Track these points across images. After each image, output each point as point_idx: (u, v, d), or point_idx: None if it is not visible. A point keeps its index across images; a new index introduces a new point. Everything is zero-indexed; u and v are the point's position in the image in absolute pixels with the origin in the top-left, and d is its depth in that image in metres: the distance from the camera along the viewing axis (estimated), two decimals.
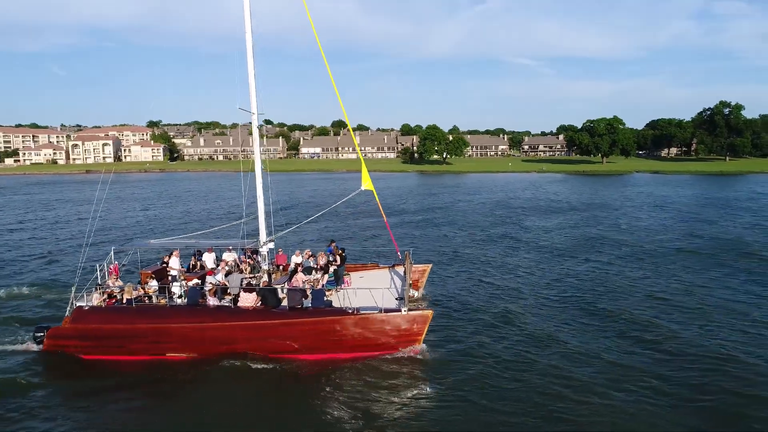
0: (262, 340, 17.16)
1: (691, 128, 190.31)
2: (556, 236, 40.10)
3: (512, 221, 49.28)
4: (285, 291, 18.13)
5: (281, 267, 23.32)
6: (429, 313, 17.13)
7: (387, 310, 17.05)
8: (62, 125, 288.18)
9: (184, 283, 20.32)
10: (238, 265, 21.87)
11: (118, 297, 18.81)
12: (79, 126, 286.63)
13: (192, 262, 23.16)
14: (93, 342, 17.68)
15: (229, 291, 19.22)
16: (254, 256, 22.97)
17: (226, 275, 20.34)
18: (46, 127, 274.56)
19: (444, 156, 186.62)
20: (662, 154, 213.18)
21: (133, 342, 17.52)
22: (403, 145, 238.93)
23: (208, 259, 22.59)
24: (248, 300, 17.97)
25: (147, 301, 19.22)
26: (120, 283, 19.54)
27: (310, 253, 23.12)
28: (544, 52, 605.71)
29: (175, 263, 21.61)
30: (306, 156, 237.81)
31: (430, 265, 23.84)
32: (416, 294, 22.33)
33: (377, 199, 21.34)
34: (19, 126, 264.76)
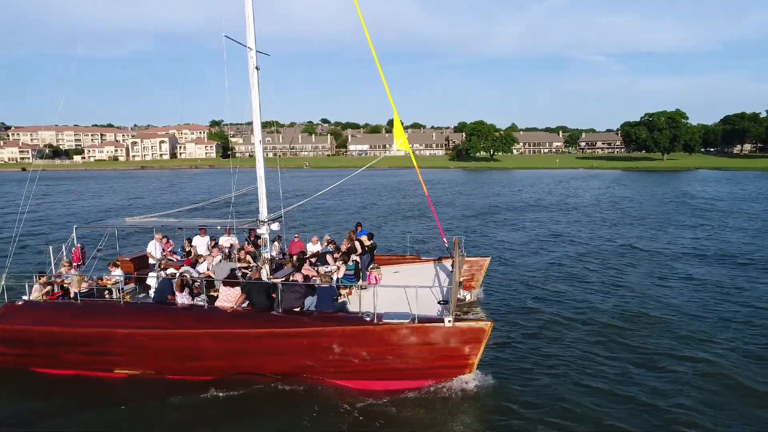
0: (241, 356, 11.63)
1: (767, 122, 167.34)
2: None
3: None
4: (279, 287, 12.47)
5: (296, 258, 17.78)
6: (486, 325, 11.06)
7: (423, 320, 11.09)
8: (135, 125, 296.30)
9: (162, 273, 15.00)
10: (233, 253, 16.36)
11: (71, 289, 13.72)
12: (150, 125, 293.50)
13: (186, 248, 17.94)
14: (22, 349, 12.64)
15: (215, 285, 13.92)
16: (260, 242, 17.46)
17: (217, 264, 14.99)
18: (119, 127, 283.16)
19: (491, 152, 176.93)
20: (734, 151, 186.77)
21: (70, 351, 12.35)
22: (454, 142, 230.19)
23: (200, 243, 17.25)
24: (228, 298, 12.48)
25: (108, 297, 14.07)
26: (73, 271, 14.44)
27: (330, 239, 17.41)
28: (615, 48, 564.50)
29: (153, 248, 16.39)
30: (354, 153, 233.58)
31: (488, 259, 17.51)
32: (468, 296, 16.25)
33: (415, 164, 15.23)
34: (95, 126, 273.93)
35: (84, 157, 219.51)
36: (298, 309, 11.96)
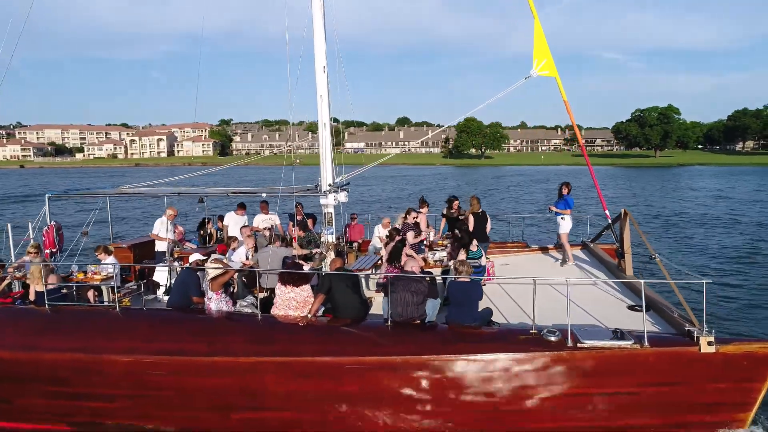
0: (329, 403, 6.40)
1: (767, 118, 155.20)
2: None
3: None
4: (387, 281, 7.17)
5: (356, 245, 12.56)
6: None
7: (657, 341, 5.96)
8: (149, 124, 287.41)
9: (176, 266, 9.64)
10: (278, 235, 10.90)
11: (31, 288, 8.40)
12: (163, 124, 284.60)
13: (209, 230, 12.60)
14: None
15: (260, 283, 8.71)
16: (310, 221, 11.96)
17: (255, 252, 9.87)
18: (131, 126, 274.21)
19: (482, 150, 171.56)
20: (737, 148, 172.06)
21: (31, 392, 7.05)
22: (452, 139, 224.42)
23: (233, 222, 11.87)
24: (294, 301, 7.22)
25: (95, 300, 8.84)
26: (37, 260, 9.06)
27: (416, 214, 11.55)
28: (636, 46, 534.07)
29: (163, 229, 11.01)
30: (350, 151, 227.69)
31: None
32: None
33: (563, 94, 9.84)
34: (109, 125, 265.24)
35: (84, 155, 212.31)
36: (419, 319, 6.76)
